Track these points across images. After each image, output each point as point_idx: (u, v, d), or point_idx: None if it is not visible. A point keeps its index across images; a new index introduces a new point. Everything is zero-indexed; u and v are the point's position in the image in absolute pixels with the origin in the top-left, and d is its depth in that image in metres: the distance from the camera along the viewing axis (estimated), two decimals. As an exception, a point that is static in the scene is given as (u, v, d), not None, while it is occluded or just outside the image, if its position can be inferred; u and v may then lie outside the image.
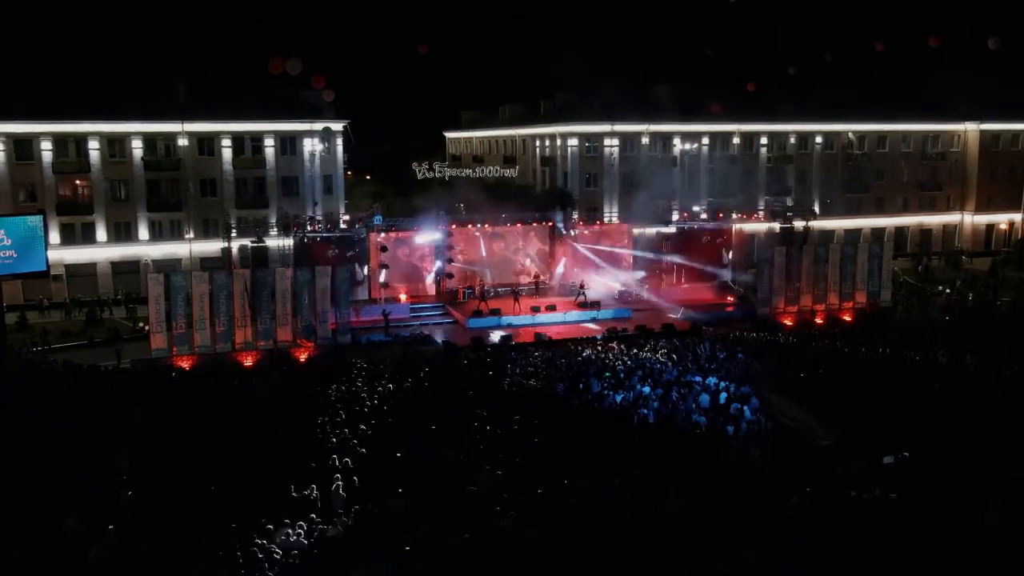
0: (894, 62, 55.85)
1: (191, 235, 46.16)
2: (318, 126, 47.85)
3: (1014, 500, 15.83)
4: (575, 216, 52.23)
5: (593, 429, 20.40)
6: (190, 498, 16.57)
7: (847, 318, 38.88)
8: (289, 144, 48.04)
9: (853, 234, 58.47)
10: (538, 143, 60.53)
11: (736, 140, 56.78)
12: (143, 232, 45.68)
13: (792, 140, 58.21)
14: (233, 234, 41.46)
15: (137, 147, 45.07)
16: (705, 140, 55.92)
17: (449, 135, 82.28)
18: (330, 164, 49.35)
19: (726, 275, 43.23)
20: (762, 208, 48.94)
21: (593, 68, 59.61)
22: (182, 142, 45.86)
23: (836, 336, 32.75)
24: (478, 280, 41.55)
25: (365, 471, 18.30)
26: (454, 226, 42.15)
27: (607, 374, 26.27)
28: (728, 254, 42.84)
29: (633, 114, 53.13)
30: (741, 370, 26.98)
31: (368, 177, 70.58)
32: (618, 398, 24.04)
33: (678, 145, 54.64)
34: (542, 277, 42.75)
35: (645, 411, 22.56)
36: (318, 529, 15.23)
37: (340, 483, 17.17)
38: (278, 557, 14.06)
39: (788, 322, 37.96)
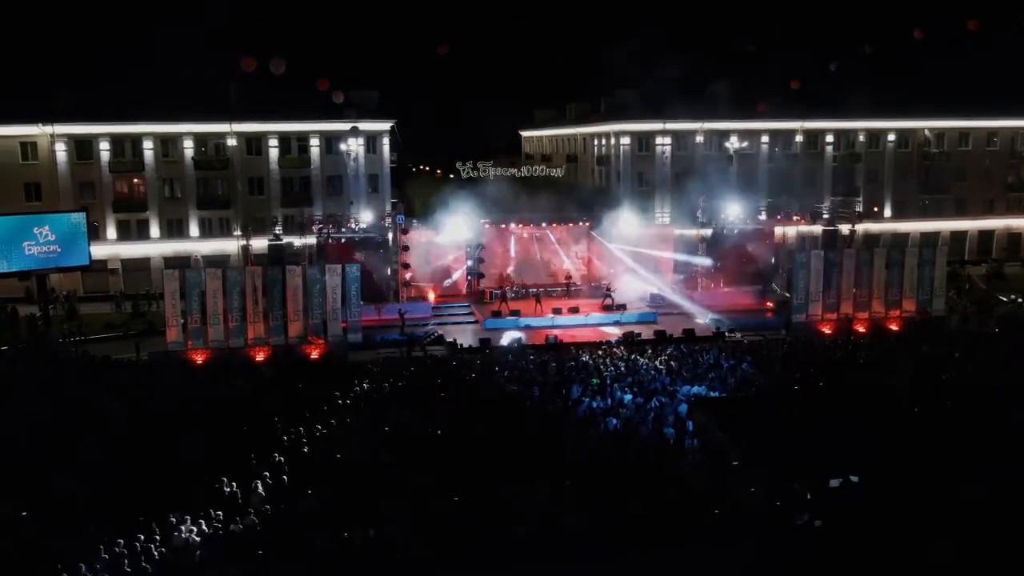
0: (978, 52, 52.18)
1: (239, 232, 47.45)
2: (361, 126, 48.41)
3: (968, 534, 14.37)
4: (623, 216, 51.26)
5: (545, 437, 19.67)
6: (115, 490, 16.91)
7: (894, 327, 36.44)
8: (335, 144, 48.79)
9: (931, 237, 55.02)
10: (596, 142, 59.68)
11: (799, 138, 54.16)
12: (194, 229, 47.40)
13: (861, 138, 55.06)
14: (278, 230, 42.53)
15: (188, 147, 46.82)
16: (764, 138, 53.59)
17: (524, 133, 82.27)
18: (376, 163, 49.92)
19: (768, 279, 41.25)
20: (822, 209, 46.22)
21: (649, 64, 58.18)
22: (231, 142, 47.35)
23: (863, 346, 30.68)
24: (508, 280, 41.13)
25: (299, 470, 18.31)
26: (487, 225, 41.89)
27: (595, 380, 25.42)
28: (770, 258, 40.74)
29: (687, 111, 51.42)
30: (739, 380, 25.68)
31: (452, 177, 71.22)
32: (595, 405, 23.23)
33: (733, 143, 52.49)
34: (573, 278, 41.88)
35: (614, 420, 21.66)
36: (215, 527, 15.32)
37: (260, 482, 17.18)
38: (156, 554, 14.16)
39: (826, 330, 35.87)
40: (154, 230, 47.03)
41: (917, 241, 53.58)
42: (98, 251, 46.06)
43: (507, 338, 33.25)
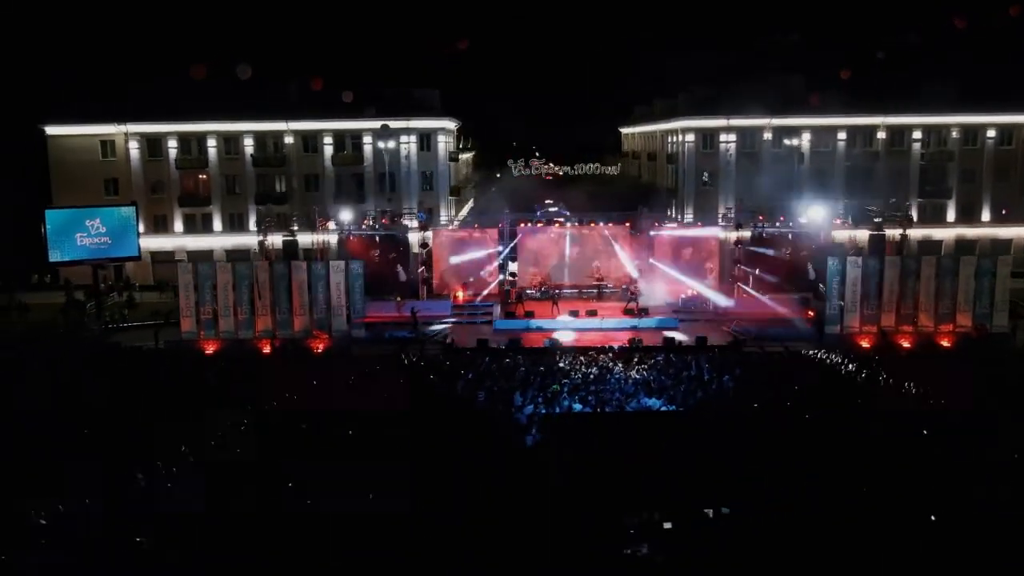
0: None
1: (295, 227, 48.95)
2: (414, 124, 48.93)
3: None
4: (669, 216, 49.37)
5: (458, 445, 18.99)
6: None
7: (945, 343, 33.11)
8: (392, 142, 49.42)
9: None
10: (669, 139, 57.78)
11: (881, 134, 50.09)
12: (252, 223, 49.26)
13: (955, 134, 50.21)
14: (332, 225, 43.75)
15: (249, 145, 48.79)
16: (841, 135, 49.88)
17: (623, 130, 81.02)
18: (430, 160, 50.21)
19: (814, 287, 38.35)
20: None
21: (719, 59, 55.78)
22: (288, 140, 48.96)
23: (883, 363, 27.92)
24: (542, 280, 40.28)
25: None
26: (523, 224, 41.32)
27: (554, 387, 24.49)
28: (810, 265, 37.84)
29: (754, 107, 48.54)
30: (712, 394, 24.03)
31: (550, 179, 71.17)
32: (542, 412, 22.34)
33: (796, 140, 49.30)
34: (605, 279, 40.51)
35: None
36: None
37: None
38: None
39: (864, 343, 33.02)
40: (216, 224, 49.32)
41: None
42: (165, 243, 49.14)
43: (507, 340, 32.59)
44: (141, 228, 47.57)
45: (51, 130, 48.20)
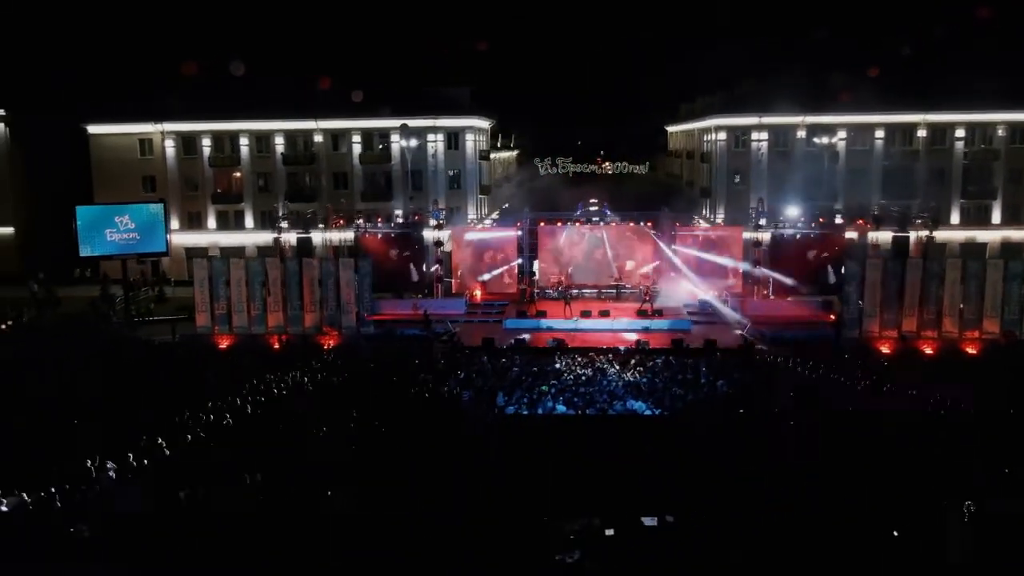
0: None
1: (323, 225, 49.65)
2: (441, 122, 49.12)
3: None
4: (715, 215, 48.56)
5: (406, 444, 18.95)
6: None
7: (971, 350, 31.78)
8: (416, 139, 49.66)
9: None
10: (705, 137, 56.86)
11: (921, 132, 48.34)
12: (283, 220, 50.09)
13: (1000, 132, 48.18)
14: (360, 221, 44.40)
15: (279, 143, 49.61)
16: (879, 133, 48.32)
17: (669, 128, 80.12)
18: (458, 159, 50.32)
19: (838, 290, 37.23)
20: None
21: (758, 56, 54.62)
22: (318, 138, 49.63)
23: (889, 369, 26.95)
24: (562, 280, 40.01)
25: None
26: (542, 224, 41.10)
27: (543, 387, 24.31)
28: (831, 268, 36.71)
29: (787, 104, 47.39)
30: (702, 398, 23.55)
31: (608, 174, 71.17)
32: (524, 413, 22.22)
33: (839, 139, 47.93)
34: (623, 280, 40.02)
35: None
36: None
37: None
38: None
39: (885, 349, 31.93)
40: (248, 221, 50.32)
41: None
42: (200, 239, 50.39)
43: (514, 339, 32.47)
44: (176, 225, 49.08)
45: (93, 129, 49.82)
